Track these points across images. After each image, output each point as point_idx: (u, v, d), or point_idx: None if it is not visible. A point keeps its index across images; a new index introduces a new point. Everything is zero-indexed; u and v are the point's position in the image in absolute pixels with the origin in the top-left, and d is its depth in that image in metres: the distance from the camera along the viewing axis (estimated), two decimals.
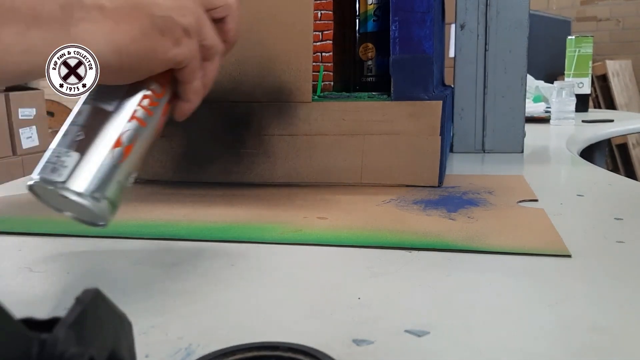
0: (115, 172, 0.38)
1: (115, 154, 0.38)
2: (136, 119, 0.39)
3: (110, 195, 0.38)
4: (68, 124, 0.39)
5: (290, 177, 0.66)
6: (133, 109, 0.39)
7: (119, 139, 0.38)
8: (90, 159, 0.37)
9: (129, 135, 0.38)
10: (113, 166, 0.38)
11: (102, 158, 0.37)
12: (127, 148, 0.38)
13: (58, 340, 0.16)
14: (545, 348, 0.27)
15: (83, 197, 0.37)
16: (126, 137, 0.38)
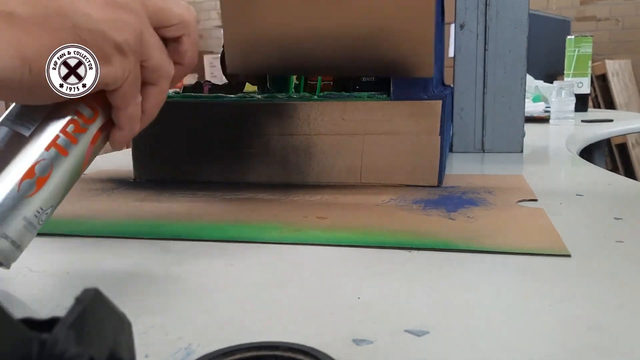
0: (22, 208, 0.33)
1: (23, 187, 0.33)
2: (56, 147, 0.34)
3: (12, 233, 0.33)
4: None
5: (290, 177, 0.66)
6: (54, 135, 0.34)
7: (31, 168, 0.33)
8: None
9: (44, 165, 0.33)
10: (18, 200, 0.33)
11: (8, 191, 0.33)
12: (40, 180, 0.33)
13: (58, 340, 0.16)
14: (545, 348, 0.27)
15: None
16: (40, 167, 0.33)
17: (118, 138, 0.37)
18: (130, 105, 0.36)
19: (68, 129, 0.35)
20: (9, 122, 0.34)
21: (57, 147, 0.34)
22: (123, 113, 0.36)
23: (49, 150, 0.34)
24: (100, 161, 0.99)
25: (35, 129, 0.34)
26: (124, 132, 0.37)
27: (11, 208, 0.33)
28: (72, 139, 0.35)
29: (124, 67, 0.34)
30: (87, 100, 0.35)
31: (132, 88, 0.35)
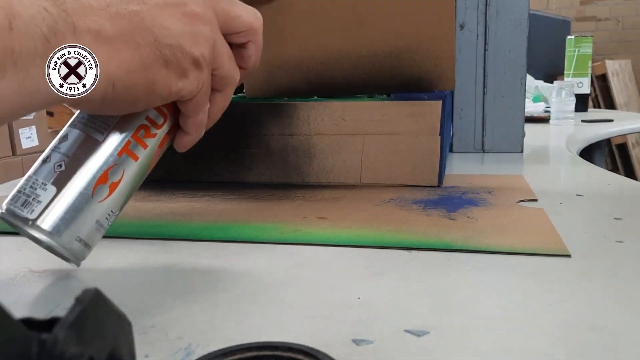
0: (95, 212, 0.34)
1: (97, 192, 0.34)
2: (127, 152, 0.35)
3: (85, 237, 0.34)
4: (50, 149, 0.35)
5: (290, 177, 0.65)
6: (126, 140, 0.35)
7: (105, 174, 0.34)
8: (68, 197, 0.33)
9: (117, 170, 0.34)
10: (93, 206, 0.34)
11: (82, 196, 0.33)
12: (112, 185, 0.34)
13: (58, 340, 0.16)
14: (545, 348, 0.27)
15: (54, 239, 0.33)
16: (113, 173, 0.34)
17: (184, 142, 0.38)
18: (200, 114, 0.37)
19: (139, 134, 0.35)
20: (82, 126, 0.35)
21: (129, 152, 0.35)
22: (192, 120, 0.37)
23: (121, 155, 0.35)
24: None
25: (108, 134, 0.35)
26: (190, 137, 0.38)
27: (85, 212, 0.34)
28: (142, 144, 0.35)
29: (199, 79, 0.34)
30: (157, 106, 0.36)
31: (204, 98, 0.36)
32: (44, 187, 0.33)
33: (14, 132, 2.51)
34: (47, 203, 0.33)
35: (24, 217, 0.33)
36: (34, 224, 0.33)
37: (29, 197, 0.33)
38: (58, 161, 0.34)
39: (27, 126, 2.57)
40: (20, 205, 0.33)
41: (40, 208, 0.33)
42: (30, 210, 0.33)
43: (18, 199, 0.33)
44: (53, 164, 0.34)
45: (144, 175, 0.37)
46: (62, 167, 0.34)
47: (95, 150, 0.34)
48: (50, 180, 0.33)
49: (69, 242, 0.34)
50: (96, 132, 0.35)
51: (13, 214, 0.33)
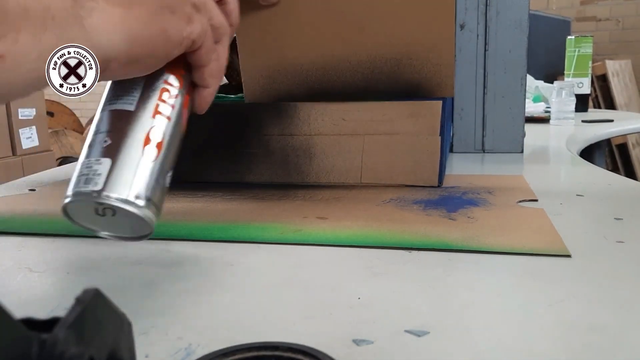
0: (152, 171, 0.36)
1: (147, 152, 0.35)
2: (160, 114, 0.37)
3: (154, 197, 0.36)
4: (91, 134, 0.37)
5: (290, 177, 0.65)
6: (155, 104, 0.37)
7: (147, 136, 0.36)
8: (123, 161, 0.35)
9: (157, 131, 0.36)
10: (149, 165, 0.36)
11: (136, 158, 0.35)
12: (158, 144, 0.36)
13: (58, 340, 0.16)
14: (545, 348, 0.27)
15: (127, 203, 0.34)
16: (154, 134, 0.36)
17: (205, 97, 0.40)
18: (211, 61, 0.39)
19: (163, 96, 0.38)
20: (111, 105, 0.37)
21: (161, 114, 0.37)
22: (206, 70, 0.39)
23: (156, 117, 0.37)
24: None
25: (137, 104, 0.37)
26: (209, 90, 0.40)
27: (147, 173, 0.35)
28: (170, 105, 0.38)
29: (202, 23, 0.37)
30: (170, 69, 0.38)
31: (211, 44, 0.38)
32: (98, 161, 0.35)
33: (14, 132, 2.51)
34: (106, 173, 0.34)
35: (90, 191, 0.34)
36: (103, 193, 0.34)
37: (88, 175, 0.34)
38: (100, 139, 0.36)
39: (27, 126, 2.57)
40: (83, 184, 0.34)
41: (103, 179, 0.34)
42: (94, 184, 0.34)
43: (79, 182, 0.34)
44: (99, 143, 0.36)
45: (180, 134, 0.39)
46: (108, 142, 0.35)
47: (131, 119, 0.36)
48: (102, 155, 0.35)
49: (141, 205, 0.34)
50: (126, 104, 0.37)
51: (79, 194, 0.34)
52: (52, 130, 3.46)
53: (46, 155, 2.71)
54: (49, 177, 0.77)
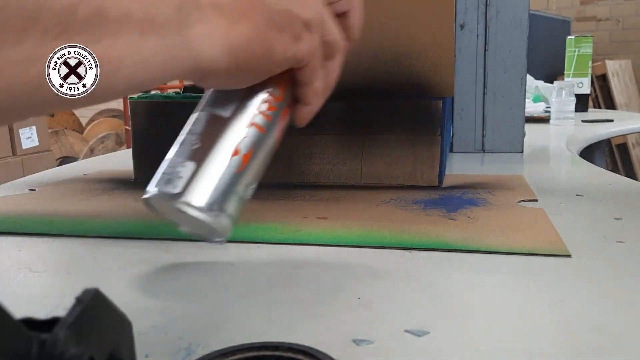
0: (234, 182, 0.36)
1: (233, 163, 0.35)
2: (255, 125, 0.37)
3: (229, 208, 0.35)
4: (184, 134, 0.37)
5: (290, 177, 0.65)
6: (251, 114, 0.37)
7: (237, 146, 0.36)
8: (207, 168, 0.35)
9: (247, 142, 0.36)
10: (231, 176, 0.35)
11: (220, 167, 0.35)
12: (245, 156, 0.36)
13: (58, 340, 0.16)
14: (545, 348, 0.27)
15: (201, 211, 0.34)
16: (244, 145, 0.36)
17: (305, 114, 0.39)
18: (316, 80, 0.38)
19: (262, 108, 0.37)
20: (209, 108, 0.37)
21: (256, 125, 0.37)
22: (310, 88, 0.38)
23: (250, 128, 0.36)
24: (100, 161, 0.99)
25: (234, 111, 0.36)
26: (310, 108, 0.39)
27: (227, 184, 0.35)
28: (267, 117, 0.37)
29: (311, 43, 0.36)
30: (274, 80, 0.37)
31: (318, 63, 0.37)
32: (183, 164, 0.35)
33: (14, 132, 2.51)
34: (188, 177, 0.34)
35: (168, 193, 0.34)
36: (179, 198, 0.34)
37: (171, 176, 0.34)
38: (192, 140, 0.36)
39: (27, 126, 2.57)
40: (163, 184, 0.34)
41: (183, 183, 0.34)
42: (174, 186, 0.34)
43: (162, 180, 0.35)
44: (188, 145, 0.36)
45: (272, 147, 0.39)
46: (197, 144, 0.35)
47: (224, 126, 0.36)
48: (188, 158, 0.35)
49: (215, 215, 0.34)
50: (222, 110, 0.37)
51: (159, 192, 0.34)
52: (52, 130, 3.46)
53: (46, 155, 2.71)
54: (49, 177, 0.77)
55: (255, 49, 0.33)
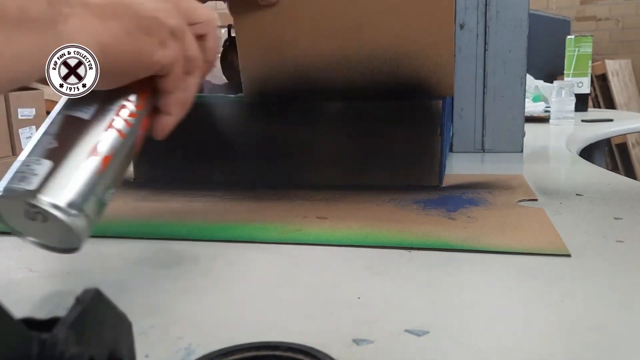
0: (93, 183, 0.34)
1: (92, 163, 0.34)
2: (114, 129, 0.36)
3: (88, 210, 0.33)
4: (39, 134, 0.36)
5: (290, 177, 0.65)
6: (110, 118, 0.36)
7: (96, 147, 0.35)
8: (65, 167, 0.33)
9: (108, 145, 0.35)
10: (90, 176, 0.34)
11: (78, 167, 0.34)
12: (105, 158, 0.35)
13: (58, 340, 0.16)
14: (545, 348, 0.27)
15: (59, 209, 0.32)
16: (103, 146, 0.35)
17: (164, 124, 0.40)
18: (178, 91, 0.39)
19: (122, 113, 0.37)
20: (66, 109, 0.36)
21: (115, 129, 0.36)
22: (172, 98, 0.39)
23: (109, 130, 0.36)
24: None
25: (93, 113, 0.36)
26: (171, 118, 0.39)
27: (86, 184, 0.34)
28: (127, 123, 0.37)
29: (176, 51, 0.37)
30: (135, 88, 0.37)
31: (180, 73, 0.38)
32: (38, 162, 0.33)
33: (14, 132, 2.51)
34: (44, 175, 0.33)
35: (22, 189, 0.32)
36: (35, 195, 0.32)
37: (25, 173, 0.33)
38: (49, 140, 0.35)
39: (27, 126, 2.57)
40: (17, 181, 0.32)
41: (39, 180, 0.32)
42: (28, 183, 0.32)
43: (14, 178, 0.33)
44: (45, 144, 0.34)
45: (130, 154, 0.38)
46: (54, 144, 0.34)
47: (83, 127, 0.35)
48: (44, 156, 0.34)
49: (73, 214, 0.33)
50: (82, 112, 0.36)
51: (10, 190, 0.32)
52: None
53: None
54: None
55: (123, 49, 0.34)
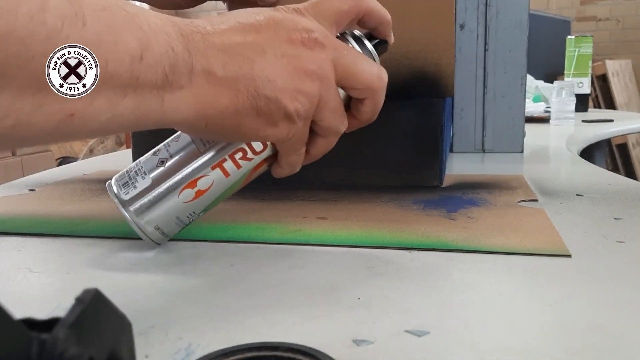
0: (177, 210, 0.39)
1: (183, 195, 0.39)
2: (221, 169, 0.39)
3: (163, 226, 0.39)
4: (163, 144, 0.40)
5: (290, 177, 0.65)
6: (221, 158, 0.39)
7: (194, 181, 0.38)
8: (159, 190, 0.38)
9: (206, 180, 0.39)
10: (177, 205, 0.39)
11: (169, 195, 0.39)
12: (198, 192, 0.39)
13: (58, 340, 0.16)
14: (545, 348, 0.27)
15: (135, 221, 0.39)
16: (203, 182, 0.39)
17: (278, 173, 0.42)
18: (292, 155, 0.40)
19: (236, 155, 0.39)
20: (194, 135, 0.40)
21: (222, 169, 0.39)
22: (285, 159, 0.40)
23: (214, 169, 0.39)
24: (100, 161, 0.99)
25: (209, 148, 0.39)
26: (284, 171, 0.41)
27: (168, 208, 0.39)
28: (237, 165, 0.39)
29: (289, 130, 0.36)
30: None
31: (296, 145, 0.38)
32: (144, 176, 0.39)
33: None
34: (140, 190, 0.39)
35: (118, 195, 0.39)
36: (125, 204, 0.39)
37: (130, 180, 0.39)
38: (162, 157, 0.39)
39: None
40: (121, 184, 0.39)
41: (134, 193, 0.39)
42: (126, 192, 0.39)
43: (122, 178, 0.40)
44: (158, 159, 0.39)
45: (233, 190, 0.41)
46: (163, 165, 0.39)
47: (194, 158, 0.39)
48: (150, 173, 0.39)
49: (147, 227, 0.39)
50: (202, 143, 0.39)
51: (111, 188, 0.40)
52: None
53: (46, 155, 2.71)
54: (48, 177, 0.77)
55: (225, 123, 0.34)
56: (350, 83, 0.38)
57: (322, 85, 0.36)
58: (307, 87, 0.35)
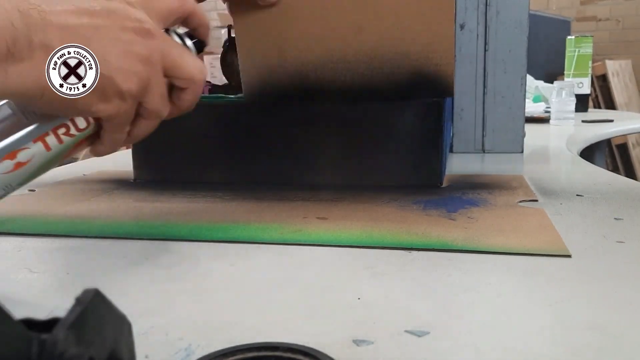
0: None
1: (2, 166, 0.37)
2: (43, 142, 0.38)
3: None
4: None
5: (290, 177, 0.65)
6: (44, 131, 0.38)
7: (14, 153, 0.37)
8: None
9: (27, 153, 0.38)
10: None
11: None
12: (18, 164, 0.38)
13: (58, 340, 0.16)
14: (545, 348, 0.27)
15: None
16: (23, 155, 0.38)
17: (98, 151, 0.42)
18: (116, 133, 0.41)
19: (59, 131, 0.39)
20: (17, 107, 0.39)
21: (44, 142, 0.38)
22: (109, 136, 0.41)
23: (36, 142, 0.38)
24: (100, 161, 0.99)
25: (33, 120, 0.38)
26: (104, 148, 0.42)
27: None
28: (58, 140, 0.39)
29: (119, 108, 0.38)
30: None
31: (122, 122, 0.40)
32: None
33: None
34: None
35: None
36: None
37: None
38: None
39: None
40: None
41: None
42: None
43: None
44: None
45: (51, 166, 0.40)
46: None
47: (16, 129, 0.38)
48: None
49: None
50: (26, 114, 0.38)
51: None
52: None
53: None
54: (48, 177, 0.77)
55: (61, 97, 0.35)
56: (175, 73, 0.41)
57: (152, 71, 0.39)
58: (139, 70, 0.38)
